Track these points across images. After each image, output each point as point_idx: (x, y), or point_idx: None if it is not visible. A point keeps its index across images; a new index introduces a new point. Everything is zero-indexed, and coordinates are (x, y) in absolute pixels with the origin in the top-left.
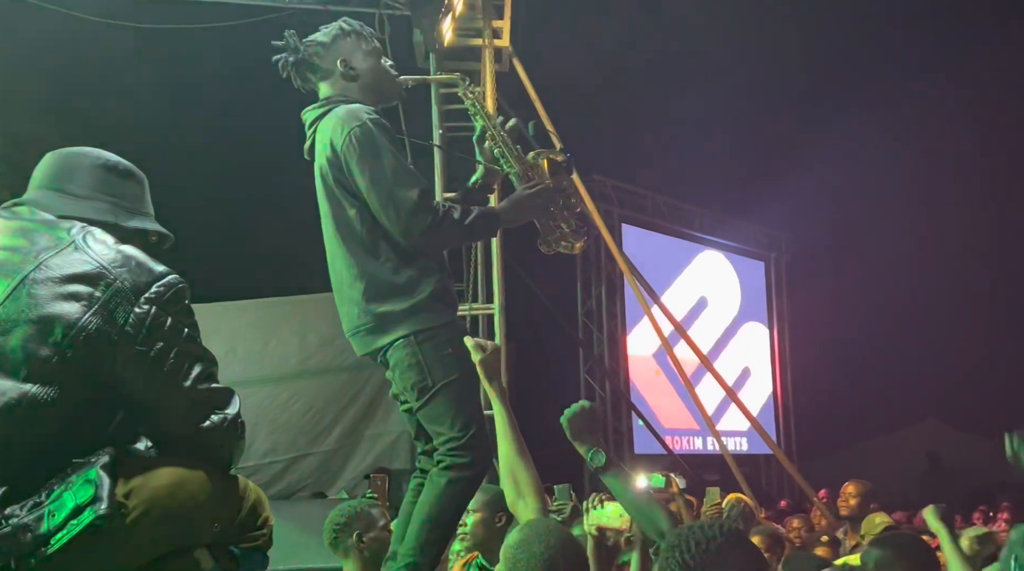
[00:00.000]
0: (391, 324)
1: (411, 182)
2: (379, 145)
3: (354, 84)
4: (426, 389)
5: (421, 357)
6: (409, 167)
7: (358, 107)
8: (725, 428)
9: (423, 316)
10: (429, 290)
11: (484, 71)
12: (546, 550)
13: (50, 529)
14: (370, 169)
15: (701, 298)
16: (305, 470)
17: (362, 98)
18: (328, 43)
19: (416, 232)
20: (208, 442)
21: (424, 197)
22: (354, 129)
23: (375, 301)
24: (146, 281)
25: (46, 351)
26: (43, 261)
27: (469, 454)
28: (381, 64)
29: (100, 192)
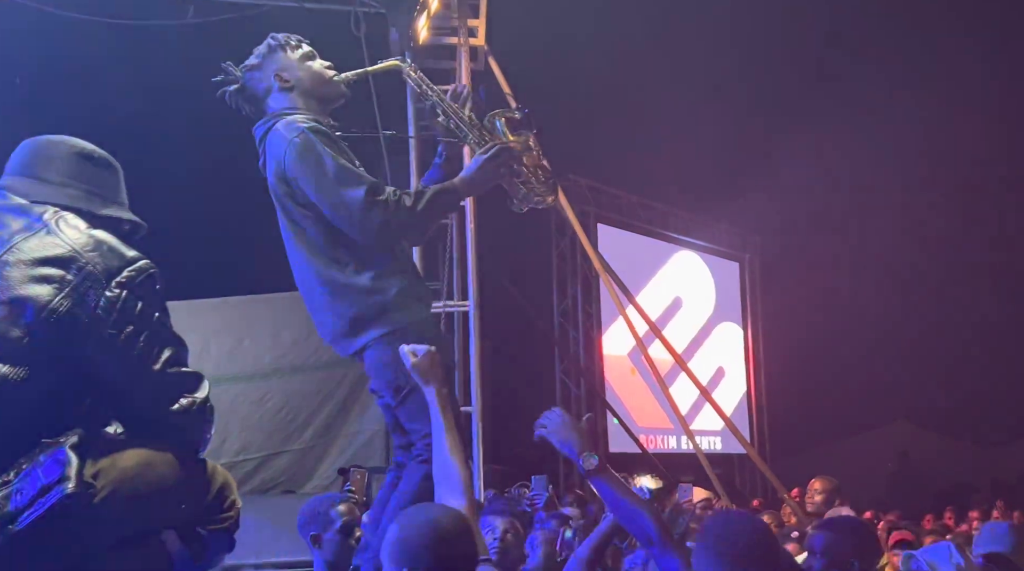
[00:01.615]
0: (363, 326)
1: (355, 182)
2: (319, 152)
3: (293, 93)
4: (401, 387)
5: (394, 356)
6: (351, 167)
7: (295, 118)
8: (699, 427)
9: (393, 315)
10: (396, 289)
11: (460, 69)
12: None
13: (18, 507)
14: (315, 177)
15: (676, 298)
16: (279, 467)
17: (304, 105)
18: (260, 63)
19: (371, 229)
20: (177, 425)
21: (371, 193)
22: (292, 141)
23: (344, 306)
24: (117, 265)
25: (17, 332)
26: (15, 244)
27: None
28: (315, 67)
29: (75, 180)
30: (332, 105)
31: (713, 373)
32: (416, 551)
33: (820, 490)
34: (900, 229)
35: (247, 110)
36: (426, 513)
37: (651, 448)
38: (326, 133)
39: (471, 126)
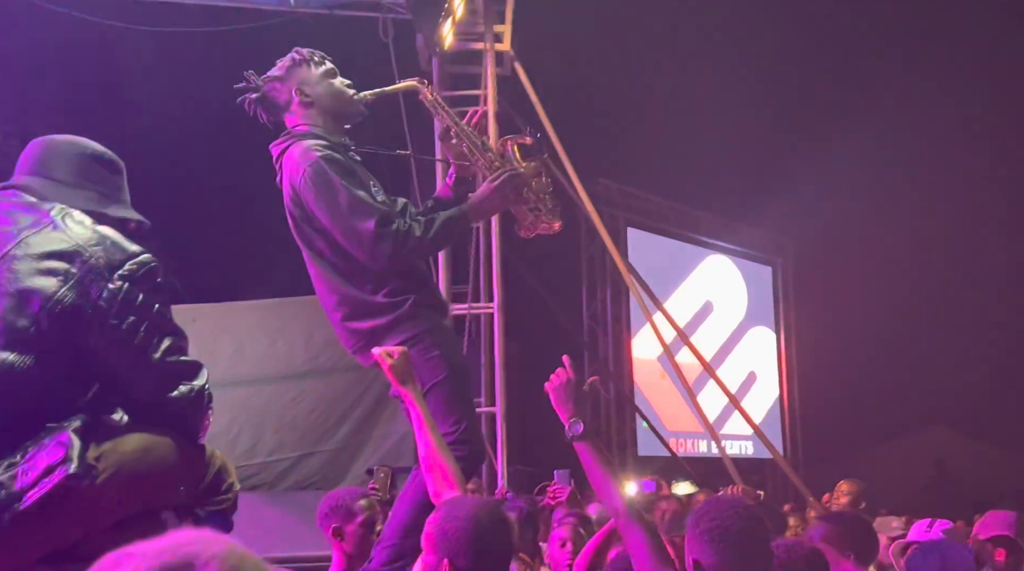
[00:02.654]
0: (379, 338)
1: (366, 213)
2: (331, 182)
3: (312, 109)
4: None
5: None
6: (363, 198)
7: (310, 144)
8: (730, 432)
9: (406, 324)
10: (411, 301)
11: (486, 75)
12: (476, 525)
13: (23, 487)
14: (328, 207)
15: (707, 302)
16: (312, 467)
17: (322, 122)
18: (283, 76)
19: (381, 258)
20: (176, 411)
21: (381, 225)
22: (307, 170)
23: (361, 320)
24: (120, 259)
25: (23, 321)
26: (23, 238)
27: (463, 447)
28: (336, 86)
29: (85, 180)
30: (349, 123)
31: (745, 377)
32: (455, 543)
33: (846, 491)
34: (937, 232)
35: (266, 118)
36: (468, 506)
37: (681, 452)
38: (339, 161)
39: (483, 150)
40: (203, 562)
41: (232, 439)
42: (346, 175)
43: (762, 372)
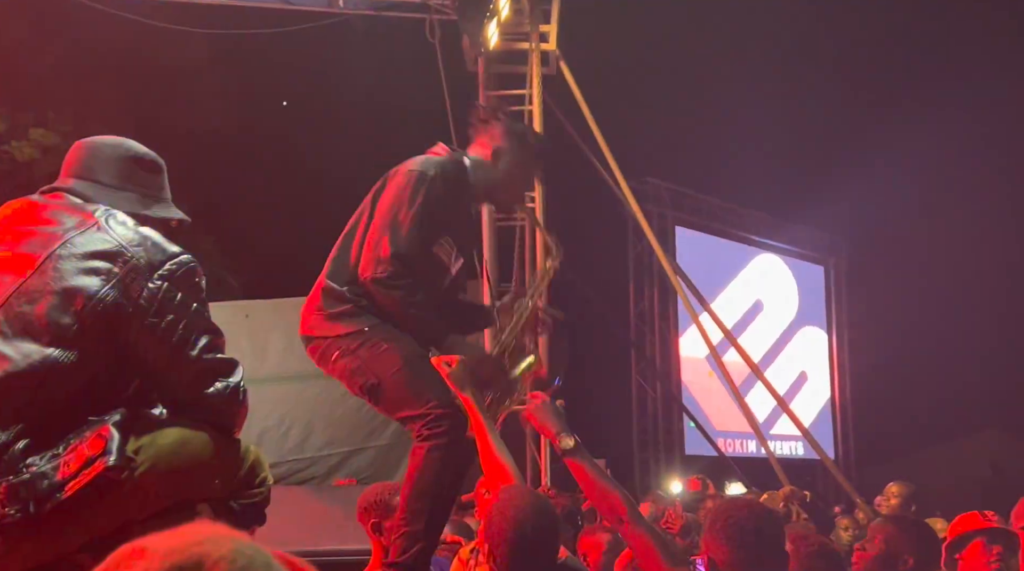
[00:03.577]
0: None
1: (405, 238)
2: (418, 193)
3: (485, 170)
4: (375, 387)
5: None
6: (417, 228)
7: (440, 160)
8: (780, 432)
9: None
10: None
11: (531, 74)
12: (518, 514)
13: (65, 477)
14: (392, 199)
15: (756, 301)
16: (362, 463)
17: (482, 182)
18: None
19: (372, 274)
20: (212, 407)
21: (400, 260)
22: (413, 169)
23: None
24: (160, 259)
25: (67, 319)
26: (69, 239)
27: (439, 424)
28: (520, 177)
29: (129, 182)
30: (493, 204)
31: (795, 378)
32: (498, 533)
33: (896, 494)
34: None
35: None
36: (516, 502)
37: (730, 452)
38: (437, 192)
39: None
40: (212, 562)
41: (283, 433)
42: (431, 204)
43: (813, 372)
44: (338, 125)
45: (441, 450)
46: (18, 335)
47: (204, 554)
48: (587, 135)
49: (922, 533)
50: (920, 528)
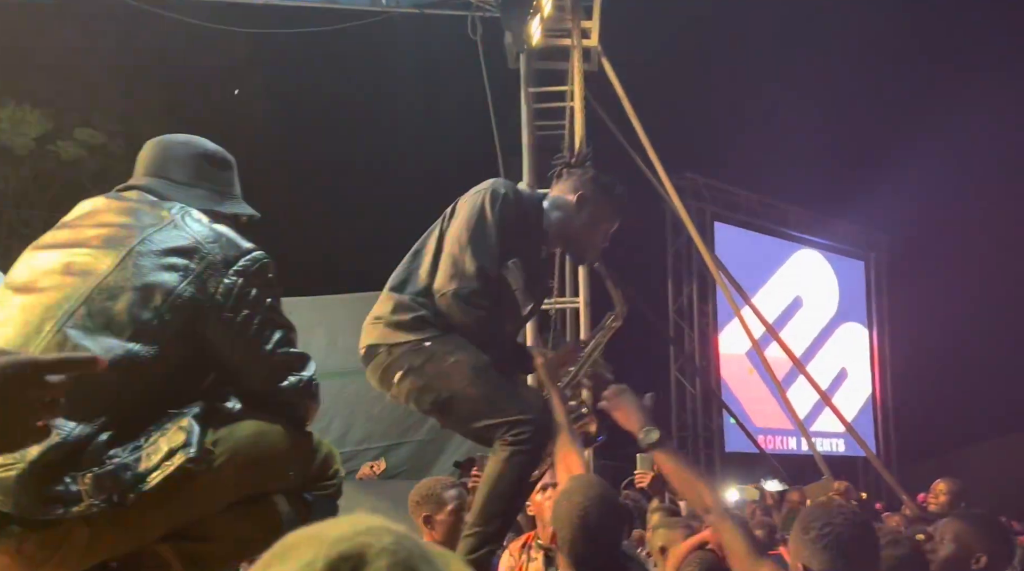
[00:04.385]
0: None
1: (483, 257)
2: (490, 212)
3: (562, 213)
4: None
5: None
6: (493, 245)
7: (511, 183)
8: (821, 429)
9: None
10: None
11: (572, 70)
12: (584, 500)
13: (147, 469)
14: (469, 216)
15: (796, 297)
16: (401, 457)
17: (557, 228)
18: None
19: (448, 291)
20: (286, 400)
21: (480, 276)
22: (490, 187)
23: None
24: (235, 255)
25: (147, 314)
26: (147, 236)
27: (526, 431)
28: (599, 232)
29: (201, 179)
30: (564, 248)
31: (836, 374)
32: (562, 519)
33: (945, 491)
34: None
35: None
36: (583, 491)
37: (770, 449)
38: (510, 210)
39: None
40: (375, 552)
41: (324, 428)
42: (504, 223)
43: (853, 369)
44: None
45: (524, 456)
46: (100, 330)
47: (368, 544)
48: (627, 130)
49: (994, 529)
50: (992, 524)
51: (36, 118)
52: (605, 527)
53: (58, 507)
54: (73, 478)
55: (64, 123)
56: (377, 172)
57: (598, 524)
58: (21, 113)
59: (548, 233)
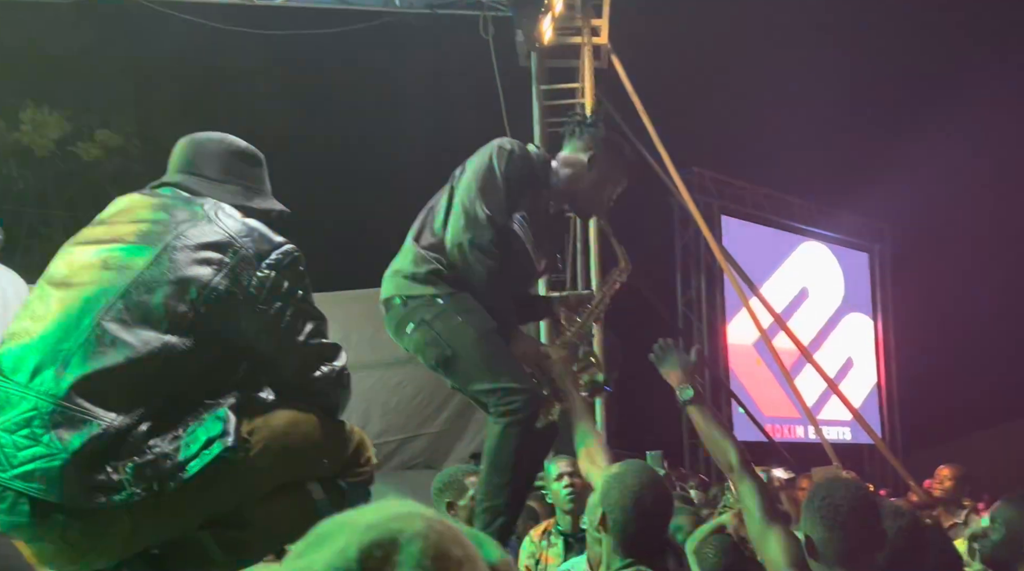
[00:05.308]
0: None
1: (495, 203)
2: (503, 162)
3: (572, 172)
4: (449, 359)
5: (435, 333)
6: (503, 194)
7: (516, 141)
8: (827, 417)
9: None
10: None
11: (583, 68)
12: (638, 484)
13: (186, 457)
14: (479, 166)
15: (802, 289)
16: (417, 449)
17: (566, 185)
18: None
19: (461, 239)
20: (319, 390)
21: (492, 222)
22: (500, 142)
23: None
24: (267, 249)
25: (183, 308)
26: (181, 231)
27: (516, 399)
28: (606, 193)
29: (232, 176)
30: (571, 205)
31: (842, 364)
32: (614, 502)
33: (949, 476)
34: None
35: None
36: (637, 473)
37: (778, 437)
38: (520, 165)
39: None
40: (408, 538)
41: None
42: (512, 176)
43: (859, 359)
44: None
45: (518, 425)
46: (138, 323)
47: (399, 530)
48: (636, 126)
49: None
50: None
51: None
52: (658, 511)
53: (100, 496)
54: (115, 467)
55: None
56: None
57: (652, 508)
58: (42, 116)
59: (557, 190)
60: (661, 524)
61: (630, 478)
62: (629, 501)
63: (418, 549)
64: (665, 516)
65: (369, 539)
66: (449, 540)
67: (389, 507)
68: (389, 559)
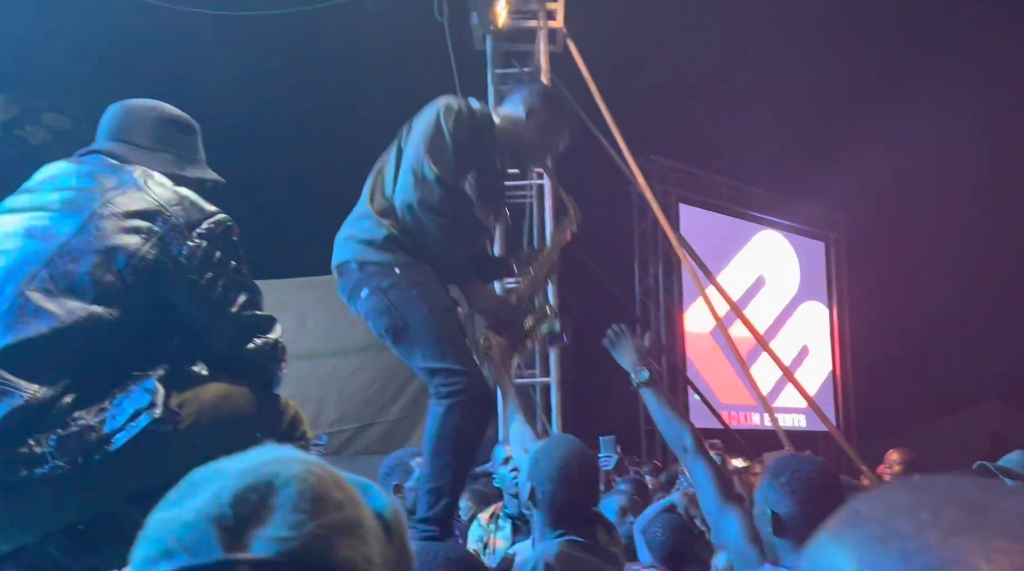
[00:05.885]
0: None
1: (444, 164)
2: (450, 121)
3: (522, 125)
4: (400, 330)
5: (389, 302)
6: (450, 155)
7: (468, 102)
8: (783, 405)
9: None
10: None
11: (538, 53)
12: (565, 455)
13: (112, 430)
14: (424, 128)
15: (759, 277)
16: (372, 437)
17: (507, 140)
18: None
19: (410, 200)
20: (252, 362)
21: (441, 183)
22: (444, 101)
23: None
24: (198, 218)
25: (110, 277)
26: (109, 199)
27: (459, 380)
28: (546, 146)
29: (164, 143)
30: (514, 160)
31: (797, 352)
32: (540, 473)
33: (898, 460)
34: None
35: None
36: (562, 447)
37: (734, 425)
38: (467, 123)
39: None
40: (284, 481)
41: None
42: (462, 132)
43: (815, 347)
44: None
45: (459, 407)
46: (63, 293)
47: (275, 473)
48: (594, 113)
49: None
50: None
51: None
52: (584, 480)
53: (22, 469)
54: (37, 440)
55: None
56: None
57: (578, 477)
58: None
59: (500, 146)
60: (588, 493)
61: (555, 450)
62: (556, 472)
63: (295, 491)
64: (592, 485)
65: (244, 483)
66: (329, 483)
67: (266, 452)
68: (265, 503)
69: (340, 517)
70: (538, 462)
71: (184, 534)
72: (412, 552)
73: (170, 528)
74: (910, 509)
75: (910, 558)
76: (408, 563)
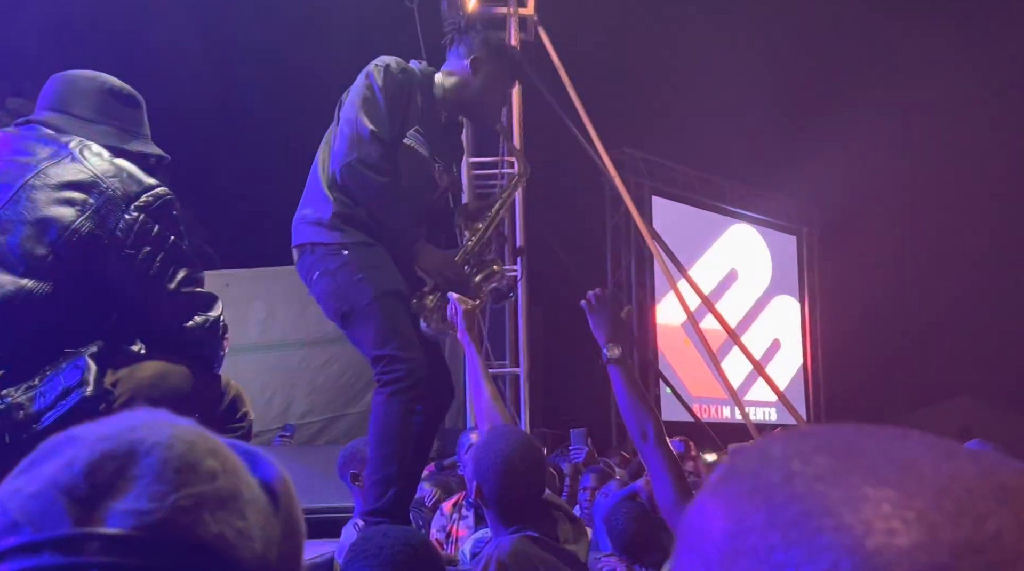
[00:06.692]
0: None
1: (376, 119)
2: (381, 78)
3: (462, 80)
4: (347, 314)
5: (336, 285)
6: (383, 112)
7: (395, 59)
8: (754, 398)
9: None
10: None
11: (509, 40)
12: (507, 447)
13: (41, 408)
14: (360, 89)
15: (731, 270)
16: (341, 429)
17: (455, 94)
18: (481, 45)
19: (345, 160)
20: (192, 340)
21: (376, 138)
22: (372, 66)
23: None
24: (136, 191)
25: (41, 250)
26: (42, 169)
27: (399, 368)
28: (495, 95)
29: (106, 116)
30: (465, 114)
31: (768, 345)
32: (484, 471)
33: None
34: (963, 201)
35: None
36: (503, 440)
37: (705, 418)
38: (398, 80)
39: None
40: (147, 448)
41: (266, 402)
42: (391, 90)
43: (786, 340)
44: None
45: (401, 394)
46: None
47: (139, 440)
48: (565, 103)
49: None
50: None
51: None
52: (528, 469)
53: None
54: None
55: None
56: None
57: (522, 467)
58: None
59: (447, 101)
60: (535, 483)
61: (496, 443)
62: (499, 466)
63: (159, 459)
64: (538, 474)
65: (100, 450)
66: (201, 451)
67: (133, 416)
68: (123, 472)
69: (211, 488)
70: (481, 459)
71: (30, 506)
72: (302, 525)
73: (16, 499)
74: (782, 459)
75: (775, 510)
76: (296, 537)
